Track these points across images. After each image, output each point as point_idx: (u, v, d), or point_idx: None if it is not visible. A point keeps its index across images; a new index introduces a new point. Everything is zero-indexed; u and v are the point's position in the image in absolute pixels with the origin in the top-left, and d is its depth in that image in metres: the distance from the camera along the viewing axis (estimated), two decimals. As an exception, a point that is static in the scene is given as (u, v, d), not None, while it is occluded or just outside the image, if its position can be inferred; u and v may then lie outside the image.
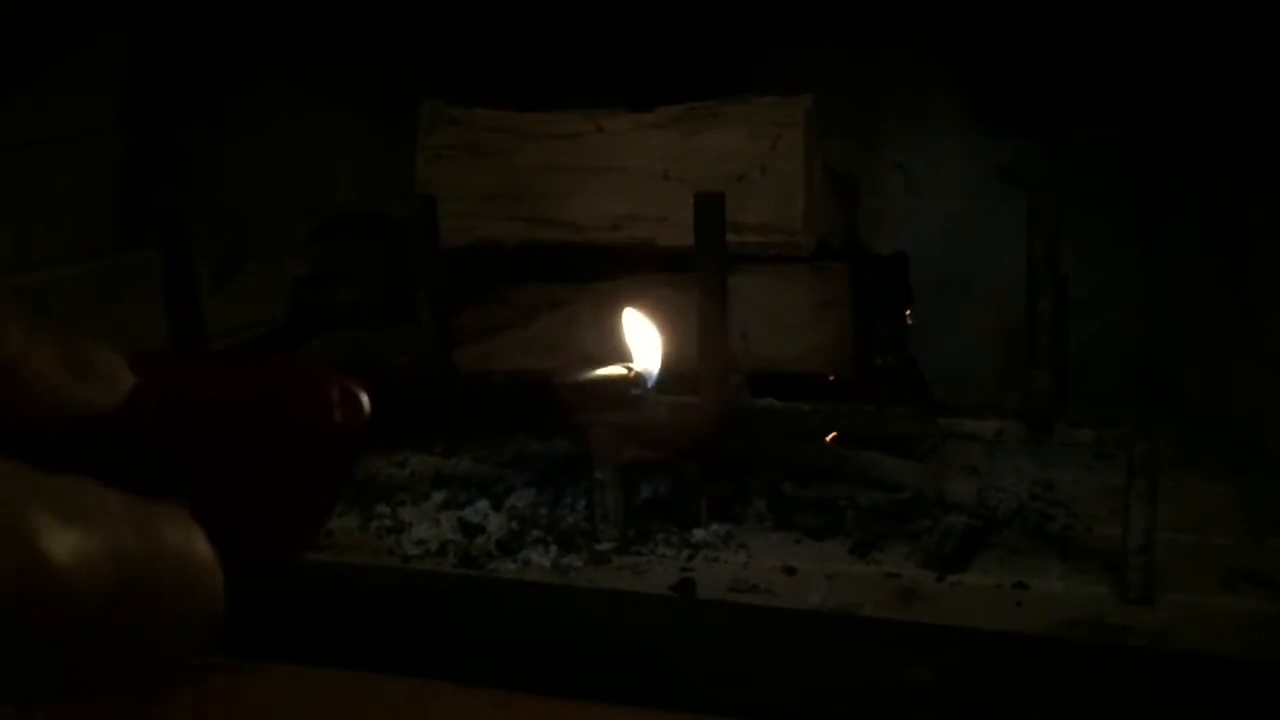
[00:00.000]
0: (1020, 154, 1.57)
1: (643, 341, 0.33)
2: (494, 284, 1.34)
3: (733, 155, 1.23)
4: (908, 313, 1.36)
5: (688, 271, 1.14)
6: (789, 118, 1.23)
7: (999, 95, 1.57)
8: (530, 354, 1.31)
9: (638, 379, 0.33)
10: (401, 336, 1.27)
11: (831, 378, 1.27)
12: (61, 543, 0.19)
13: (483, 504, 1.28)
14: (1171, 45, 1.45)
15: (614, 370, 0.31)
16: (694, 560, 1.17)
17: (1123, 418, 1.07)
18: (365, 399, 0.25)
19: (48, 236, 1.30)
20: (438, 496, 1.30)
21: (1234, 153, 1.38)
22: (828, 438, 1.32)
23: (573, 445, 1.33)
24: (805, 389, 1.22)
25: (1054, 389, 1.06)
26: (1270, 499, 1.23)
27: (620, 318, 0.32)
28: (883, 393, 1.25)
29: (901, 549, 1.18)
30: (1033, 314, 1.06)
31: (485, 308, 1.33)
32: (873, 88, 1.62)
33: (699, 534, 1.21)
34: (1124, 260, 1.59)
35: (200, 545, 0.21)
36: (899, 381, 1.30)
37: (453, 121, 1.33)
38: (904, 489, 1.29)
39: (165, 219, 1.31)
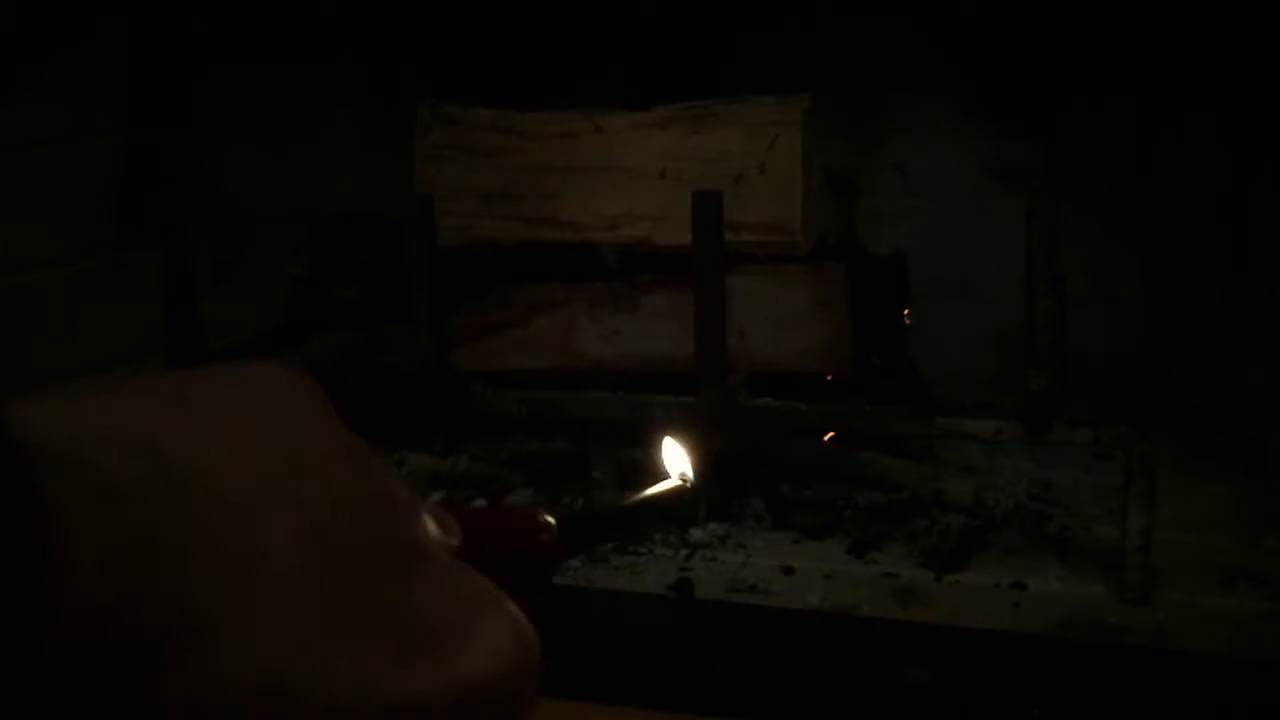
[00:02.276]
0: (1020, 154, 1.56)
1: (681, 459, 0.43)
2: (492, 283, 1.34)
3: (730, 155, 1.23)
4: (906, 312, 1.36)
5: (686, 271, 1.14)
6: (787, 117, 1.23)
7: (998, 95, 1.57)
8: (528, 353, 1.31)
9: (688, 486, 0.43)
10: (399, 336, 1.27)
11: (829, 377, 1.27)
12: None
13: (481, 503, 1.28)
14: (1171, 45, 1.45)
15: (671, 483, 0.42)
16: (692, 560, 1.17)
17: (1121, 417, 1.07)
18: (555, 524, 0.35)
19: (48, 236, 1.30)
20: (435, 496, 1.30)
21: (1234, 153, 1.38)
22: (826, 437, 1.32)
23: (571, 445, 1.33)
24: (803, 388, 1.22)
25: (1052, 389, 1.06)
26: (1269, 499, 1.23)
27: (662, 447, 0.43)
28: (881, 392, 1.25)
29: (899, 549, 1.18)
30: (1031, 314, 1.06)
31: (483, 307, 1.33)
32: (871, 88, 1.62)
33: (697, 533, 1.21)
34: (1124, 260, 1.59)
35: None
36: (897, 381, 1.30)
37: (451, 121, 1.33)
38: (902, 489, 1.29)
39: (164, 219, 1.31)
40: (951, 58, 1.58)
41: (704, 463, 0.42)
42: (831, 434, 1.31)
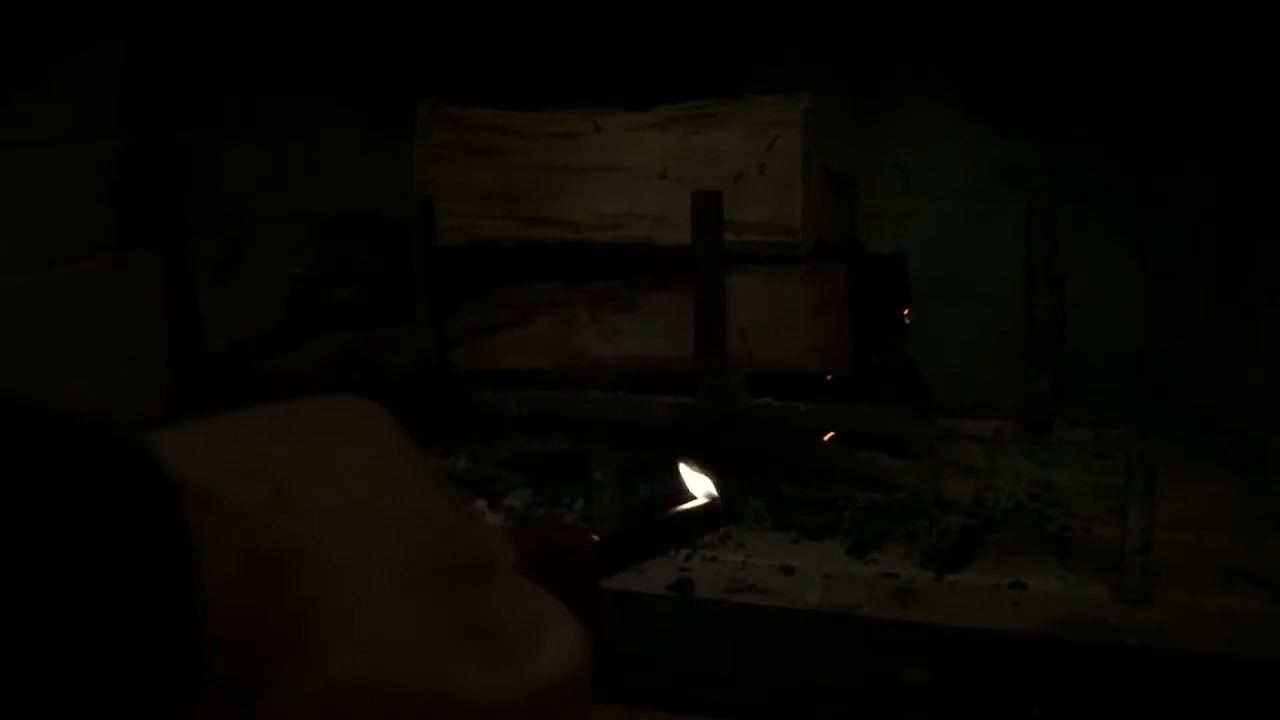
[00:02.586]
0: (1020, 154, 1.56)
1: (703, 480, 0.46)
2: (492, 283, 1.34)
3: (730, 155, 1.23)
4: (906, 312, 1.36)
5: (686, 271, 1.14)
6: (787, 117, 1.23)
7: (998, 95, 1.57)
8: (528, 353, 1.31)
9: (716, 502, 0.45)
10: (399, 336, 1.27)
11: (829, 377, 1.27)
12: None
13: (480, 503, 1.28)
14: (1172, 45, 1.45)
15: (698, 501, 0.45)
16: (692, 560, 1.17)
17: (1121, 417, 1.07)
18: (599, 541, 0.37)
19: (48, 236, 1.30)
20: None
21: (1234, 153, 1.38)
22: (825, 437, 1.32)
23: (571, 445, 1.33)
24: (803, 388, 1.22)
25: (1052, 389, 1.06)
26: (1269, 499, 1.23)
27: (680, 471, 0.46)
28: (881, 392, 1.25)
29: (899, 549, 1.18)
30: (1031, 314, 1.06)
31: (483, 307, 1.33)
32: (871, 88, 1.62)
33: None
34: (1124, 260, 1.59)
35: None
36: (897, 381, 1.30)
37: (450, 121, 1.33)
38: (902, 489, 1.29)
39: (164, 219, 1.31)
40: (951, 58, 1.58)
41: (724, 481, 0.44)
42: (831, 434, 1.31)
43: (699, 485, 0.45)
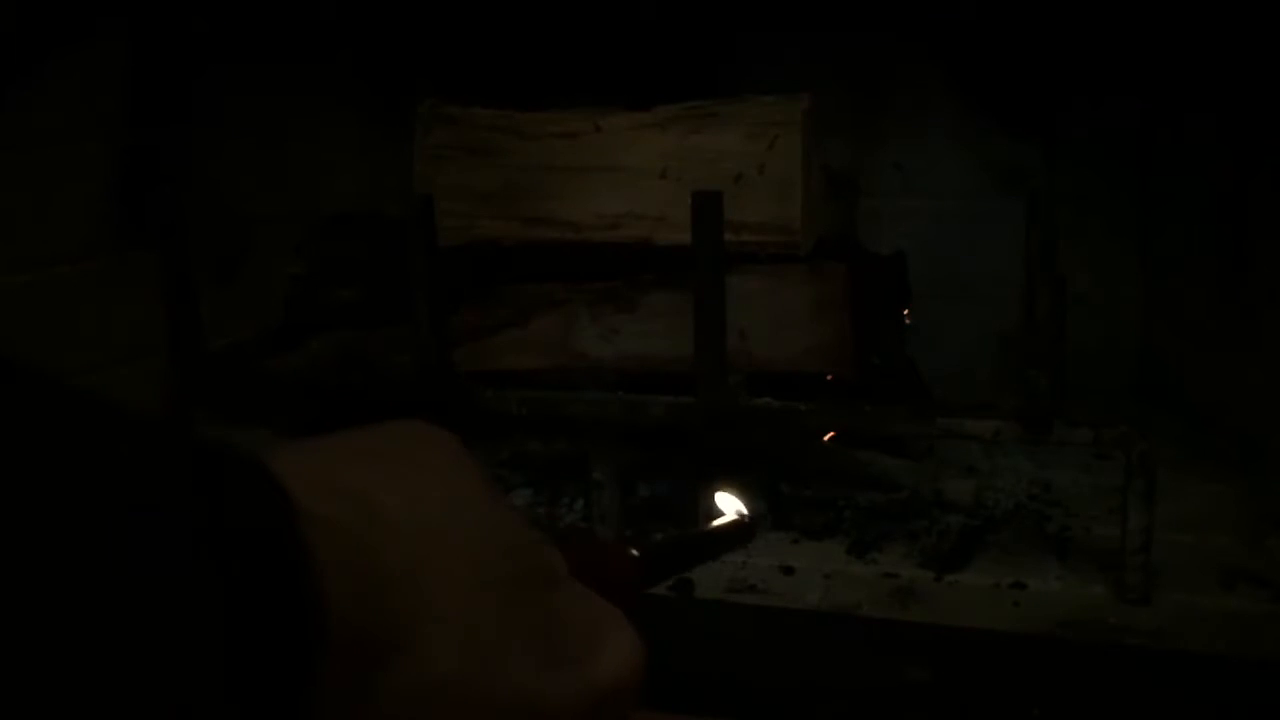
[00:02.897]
0: (1020, 154, 1.56)
1: (734, 502, 0.49)
2: (492, 283, 1.34)
3: (731, 155, 1.23)
4: (906, 312, 1.36)
5: (686, 271, 1.14)
6: (787, 117, 1.23)
7: (998, 95, 1.57)
8: (528, 353, 1.31)
9: (746, 520, 0.48)
10: (399, 336, 1.27)
11: (829, 377, 1.27)
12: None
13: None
14: (1172, 45, 1.45)
15: (731, 518, 0.48)
16: (692, 560, 1.17)
17: (1121, 417, 1.07)
18: (639, 556, 0.39)
19: (47, 236, 1.30)
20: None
21: (1234, 153, 1.38)
22: (825, 437, 1.32)
23: (571, 445, 1.33)
24: (803, 388, 1.22)
25: (1052, 389, 1.06)
26: (1269, 499, 1.23)
27: (715, 498, 0.50)
28: (881, 392, 1.25)
29: (899, 549, 1.18)
30: (1031, 314, 1.06)
31: (483, 307, 1.33)
32: (871, 88, 1.62)
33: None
34: (1124, 260, 1.58)
35: None
36: (897, 381, 1.30)
37: (451, 121, 1.33)
38: (901, 489, 1.29)
39: (164, 219, 1.31)
40: (951, 58, 1.58)
41: (754, 504, 0.50)
42: (831, 434, 1.31)
43: (729, 504, 0.48)
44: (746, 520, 0.47)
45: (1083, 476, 1.31)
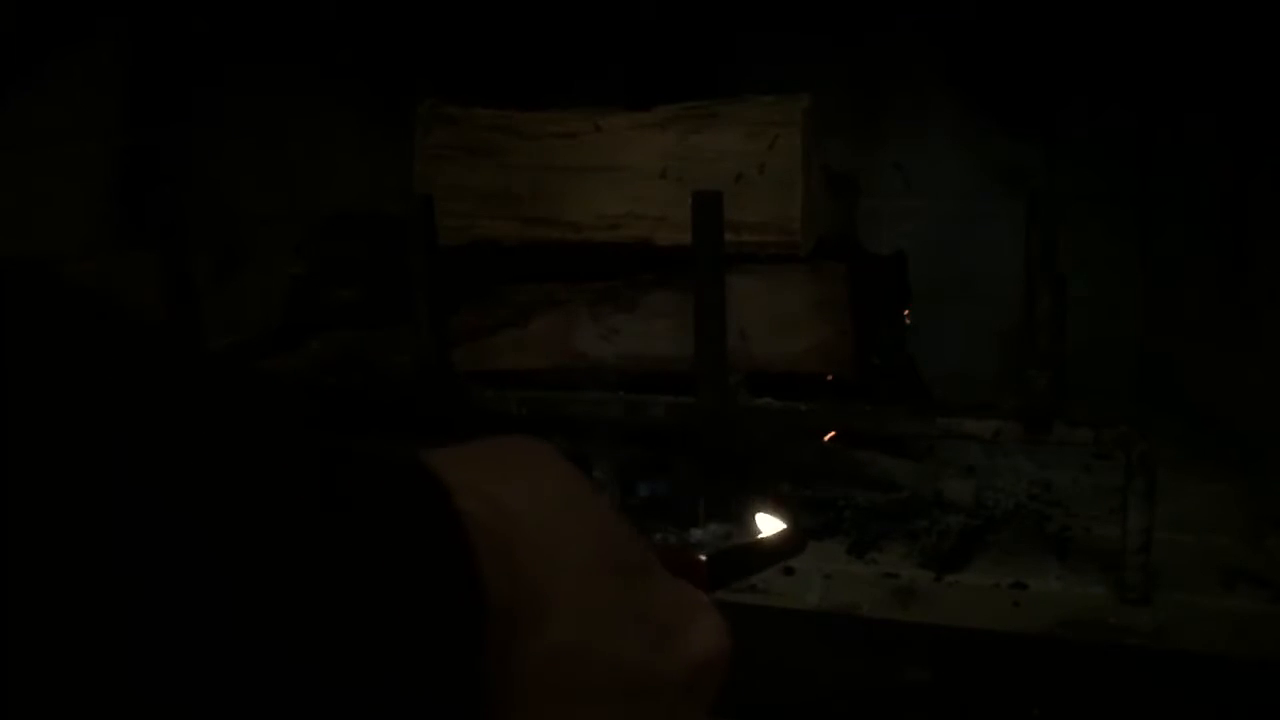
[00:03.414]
0: (1020, 154, 1.56)
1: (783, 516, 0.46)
2: (492, 283, 1.34)
3: (731, 155, 1.23)
4: (906, 312, 1.36)
5: (686, 271, 1.14)
6: (787, 117, 1.23)
7: (998, 95, 1.57)
8: (528, 353, 1.31)
9: (797, 532, 0.50)
10: (399, 336, 1.27)
11: (830, 377, 1.27)
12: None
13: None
14: (1171, 45, 1.45)
15: (782, 530, 0.50)
16: (692, 560, 1.17)
17: (1121, 417, 1.07)
18: (702, 558, 0.46)
19: (47, 236, 1.30)
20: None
21: (1234, 153, 1.38)
22: (826, 437, 1.32)
23: (571, 445, 1.33)
24: (804, 388, 1.22)
25: (1052, 389, 1.06)
26: (1269, 499, 1.23)
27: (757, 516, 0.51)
28: (881, 392, 1.25)
29: (899, 549, 1.18)
30: (1031, 314, 1.06)
31: (483, 307, 1.33)
32: (871, 88, 1.62)
33: (697, 533, 1.21)
34: (1124, 260, 1.58)
35: None
36: (897, 381, 1.30)
37: (451, 121, 1.33)
38: (902, 489, 1.29)
39: (164, 219, 1.31)
40: (952, 58, 1.58)
41: (796, 521, 0.52)
42: (831, 434, 1.31)
43: (780, 519, 0.53)
44: (799, 534, 0.53)
45: (1083, 476, 1.31)
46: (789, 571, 1.14)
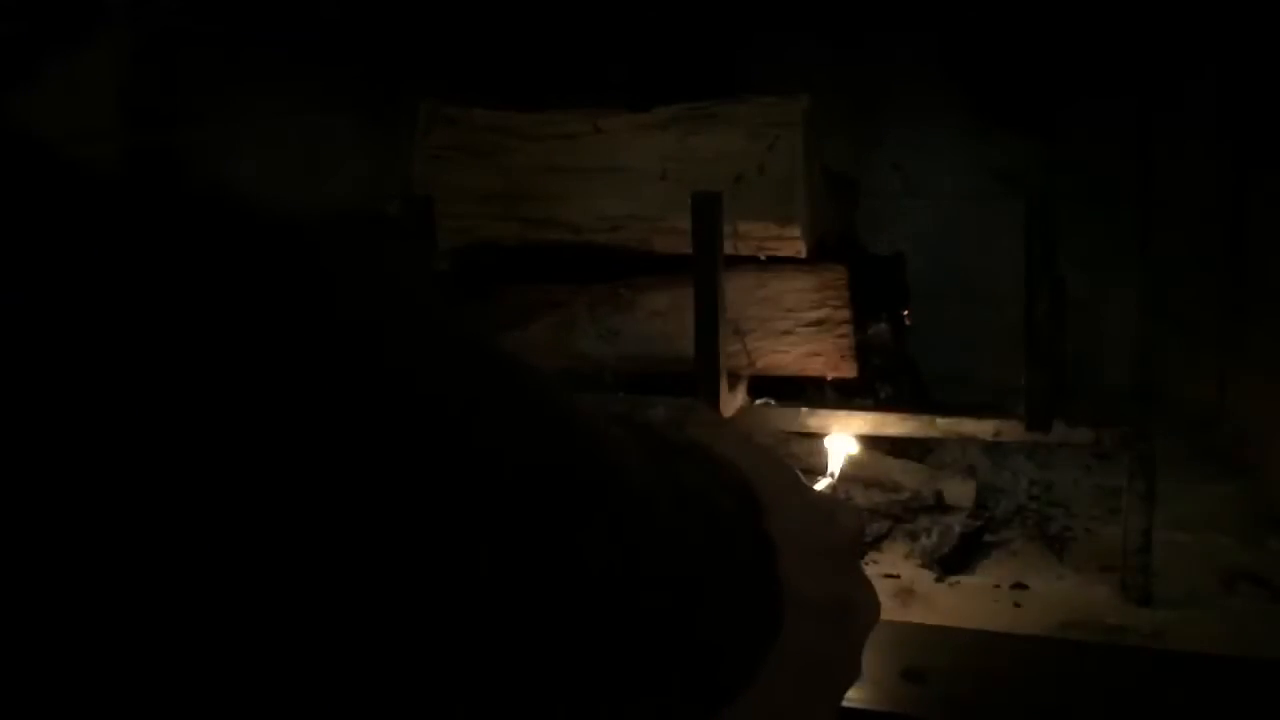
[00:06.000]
0: (1019, 154, 1.56)
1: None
2: (491, 284, 1.34)
3: (731, 156, 1.23)
4: (906, 313, 1.36)
5: (686, 271, 1.14)
6: (787, 118, 1.23)
7: (998, 95, 1.57)
8: (528, 353, 1.31)
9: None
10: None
11: (829, 377, 1.27)
12: None
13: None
14: (1171, 45, 1.45)
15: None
16: (692, 560, 1.17)
17: (1121, 417, 1.07)
18: None
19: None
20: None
21: (1234, 154, 1.38)
22: (825, 437, 1.32)
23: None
24: (803, 389, 1.22)
25: (1052, 389, 1.06)
26: (1269, 500, 1.23)
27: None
28: (881, 393, 1.25)
29: (900, 549, 1.18)
30: (1031, 314, 1.06)
31: (483, 308, 1.33)
32: (871, 88, 1.62)
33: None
34: (1123, 260, 1.58)
35: None
36: (897, 382, 1.30)
37: (450, 122, 1.33)
38: (902, 489, 1.29)
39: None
40: (951, 58, 1.57)
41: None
42: (831, 435, 1.31)
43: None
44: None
45: (1083, 477, 1.31)
46: (789, 572, 1.14)
